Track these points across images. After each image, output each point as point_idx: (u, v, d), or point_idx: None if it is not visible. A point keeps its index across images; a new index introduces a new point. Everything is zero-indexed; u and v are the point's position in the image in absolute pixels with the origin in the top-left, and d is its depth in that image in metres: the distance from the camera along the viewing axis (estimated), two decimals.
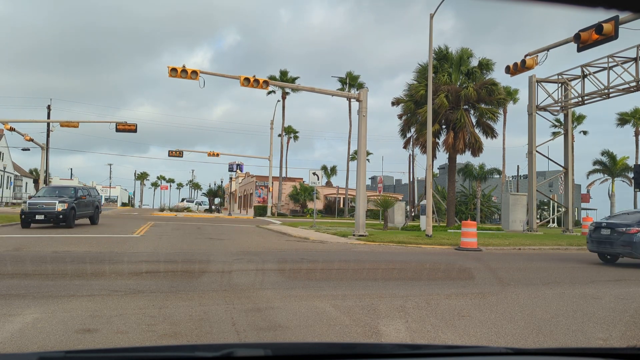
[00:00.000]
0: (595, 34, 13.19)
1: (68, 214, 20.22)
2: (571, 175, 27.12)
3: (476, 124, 27.67)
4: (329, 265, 11.30)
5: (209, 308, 6.14)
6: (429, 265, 11.73)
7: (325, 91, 22.28)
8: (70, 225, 20.25)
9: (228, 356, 1.71)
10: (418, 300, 6.98)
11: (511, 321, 5.95)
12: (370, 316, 6.02)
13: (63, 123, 34.26)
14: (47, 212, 19.89)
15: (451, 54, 27.49)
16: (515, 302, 7.11)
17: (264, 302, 6.62)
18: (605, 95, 23.13)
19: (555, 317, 6.26)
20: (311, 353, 1.88)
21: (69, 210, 20.34)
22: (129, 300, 6.46)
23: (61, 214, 19.97)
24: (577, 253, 16.63)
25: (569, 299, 7.61)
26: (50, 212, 19.91)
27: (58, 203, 20.13)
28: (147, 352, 1.96)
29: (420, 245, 16.89)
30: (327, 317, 5.93)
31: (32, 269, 9.31)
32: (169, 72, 18.95)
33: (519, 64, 17.36)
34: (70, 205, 20.55)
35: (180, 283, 7.98)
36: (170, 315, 5.71)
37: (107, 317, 5.59)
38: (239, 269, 9.89)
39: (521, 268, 11.70)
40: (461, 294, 7.67)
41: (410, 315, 6.13)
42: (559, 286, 8.87)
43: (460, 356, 1.97)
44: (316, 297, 7.03)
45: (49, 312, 5.75)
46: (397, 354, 1.93)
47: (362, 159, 20.71)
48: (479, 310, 6.49)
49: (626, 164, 53.95)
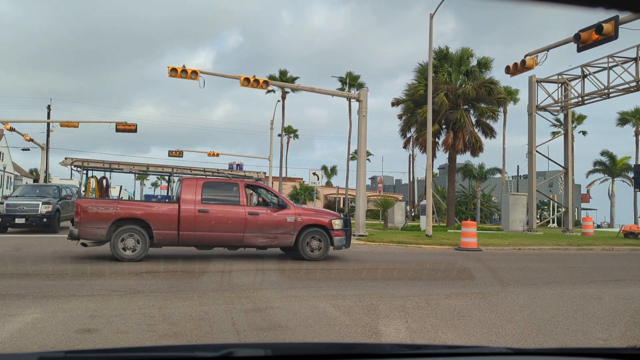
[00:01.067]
0: (595, 34, 13.20)
1: (53, 216, 17.91)
2: (571, 175, 27.13)
3: (476, 123, 27.68)
4: (328, 265, 11.29)
5: (208, 308, 6.14)
6: (429, 265, 11.73)
7: (325, 91, 22.29)
8: (55, 230, 17.98)
9: (228, 356, 1.71)
10: (418, 300, 6.98)
11: (511, 321, 5.95)
12: (370, 316, 6.02)
13: (63, 123, 34.24)
14: (29, 215, 17.45)
15: (451, 54, 27.52)
16: (515, 302, 7.11)
17: (264, 302, 6.62)
18: (605, 95, 23.13)
19: (555, 317, 6.26)
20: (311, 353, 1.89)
21: (54, 212, 18.03)
22: (129, 300, 6.47)
23: (45, 216, 17.63)
24: (576, 253, 16.64)
25: (569, 299, 7.61)
26: (33, 214, 17.50)
27: (42, 204, 17.75)
28: (147, 352, 1.96)
29: (420, 245, 16.89)
30: (327, 317, 5.93)
31: (32, 269, 9.31)
32: (169, 72, 18.95)
33: (518, 64, 17.37)
34: (55, 207, 18.20)
35: (180, 283, 7.98)
36: (170, 315, 5.71)
37: (107, 317, 5.59)
38: (238, 268, 9.89)
39: (521, 268, 11.70)
40: (461, 294, 7.67)
41: (411, 315, 6.13)
42: (559, 286, 8.87)
43: (460, 356, 1.97)
44: (316, 297, 7.03)
45: (49, 312, 5.75)
46: (397, 354, 1.93)
47: (362, 159, 20.72)
48: (479, 310, 6.49)
49: (627, 163, 53.98)
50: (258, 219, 11.16)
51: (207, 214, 10.80)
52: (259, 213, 11.27)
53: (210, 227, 10.84)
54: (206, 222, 10.79)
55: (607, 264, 13.07)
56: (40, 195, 19.06)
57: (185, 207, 10.72)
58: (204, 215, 10.76)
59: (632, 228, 24.05)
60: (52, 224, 17.81)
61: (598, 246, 18.41)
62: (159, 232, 10.56)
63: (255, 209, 11.47)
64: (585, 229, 26.11)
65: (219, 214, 10.94)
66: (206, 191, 11.08)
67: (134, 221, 10.51)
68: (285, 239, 11.39)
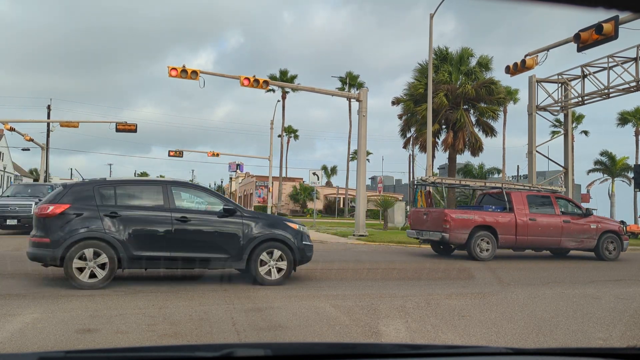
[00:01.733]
0: (595, 34, 13.19)
1: None
2: (571, 175, 27.09)
3: (476, 123, 27.65)
4: (328, 265, 11.29)
5: (209, 308, 6.14)
6: (429, 265, 11.73)
7: (325, 91, 22.27)
8: None
9: (228, 356, 1.71)
10: (418, 300, 6.98)
11: (511, 321, 5.95)
12: (370, 316, 6.02)
13: (63, 123, 34.22)
14: (22, 216, 16.16)
15: (451, 54, 27.48)
16: (515, 302, 7.11)
17: (264, 302, 6.62)
18: (605, 95, 23.09)
19: (555, 317, 6.26)
20: (311, 353, 1.89)
21: None
22: (129, 300, 6.46)
23: None
24: (577, 253, 16.63)
25: (569, 298, 7.61)
26: (25, 215, 16.08)
27: (35, 205, 16.00)
28: (147, 352, 1.96)
29: (420, 245, 16.87)
30: (327, 317, 5.93)
31: (32, 269, 9.30)
32: (169, 72, 18.93)
33: (519, 64, 17.34)
34: None
35: (180, 283, 7.99)
36: (170, 315, 5.71)
37: (107, 317, 5.59)
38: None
39: (521, 268, 11.70)
40: (461, 293, 7.67)
41: (411, 315, 6.13)
42: (559, 286, 8.87)
43: (460, 356, 1.97)
44: (316, 297, 7.03)
45: (49, 312, 5.75)
46: (397, 354, 1.93)
47: (362, 158, 20.71)
48: (479, 310, 6.49)
49: (626, 163, 53.95)
50: (570, 226, 13.43)
51: (535, 222, 13.11)
52: (570, 221, 13.46)
53: (537, 232, 13.08)
54: (534, 228, 13.07)
55: (607, 264, 13.07)
56: (33, 195, 17.80)
57: (520, 216, 12.98)
58: (532, 222, 13.08)
59: (631, 228, 24.06)
60: None
61: None
62: (503, 236, 12.78)
63: (567, 217, 13.56)
64: None
65: (543, 221, 13.22)
66: (530, 203, 13.32)
67: (485, 228, 12.66)
68: (589, 242, 13.66)
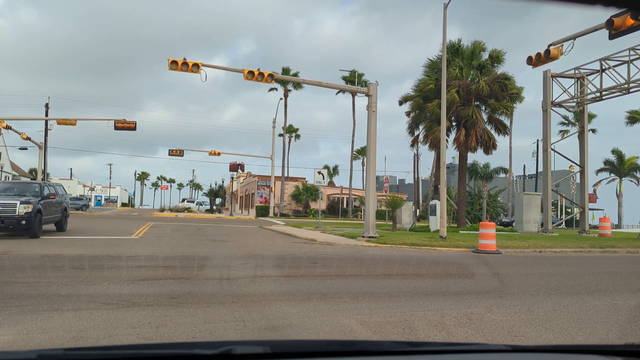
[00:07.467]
0: (630, 19, 12.20)
1: (33, 218, 15.12)
2: (587, 174, 26.09)
3: (488, 120, 26.63)
4: (343, 271, 10.36)
5: (215, 326, 5.18)
6: (454, 271, 10.76)
7: (333, 85, 21.31)
8: (36, 234, 15.28)
9: (227, 353, 1.70)
10: (457, 315, 6.03)
11: (574, 340, 5.01)
12: (407, 335, 5.07)
13: (60, 121, 33.36)
14: (6, 217, 14.81)
15: (463, 47, 26.43)
16: (567, 317, 6.15)
17: (279, 318, 5.67)
18: (625, 90, 22.12)
19: (625, 337, 5.31)
20: (310, 350, 1.89)
21: (35, 213, 15.21)
22: (121, 317, 5.51)
23: (24, 218, 14.88)
24: (601, 256, 15.69)
25: (624, 311, 6.68)
26: (10, 216, 14.82)
27: (20, 204, 14.99)
28: (147, 349, 1.90)
29: (435, 247, 15.93)
30: (355, 336, 4.98)
31: (8, 276, 8.37)
32: (169, 65, 18.01)
33: (542, 54, 16.32)
34: (36, 208, 15.39)
35: (181, 293, 7.01)
36: (169, 337, 4.76)
37: (93, 339, 4.64)
38: (245, 275, 8.94)
39: (553, 274, 10.74)
40: (502, 305, 6.72)
41: (453, 335, 5.18)
42: (606, 295, 7.92)
43: (459, 353, 1.95)
44: (338, 311, 6.08)
45: (24, 332, 4.80)
46: (396, 350, 1.92)
47: (372, 156, 19.73)
48: (531, 328, 5.54)
49: (635, 163, 53.04)
50: None
51: None
52: None
53: None
54: None
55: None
56: (19, 193, 16.29)
57: None
58: None
59: None
60: (32, 227, 15.12)
61: (622, 248, 17.45)
62: None
63: None
64: (602, 230, 25.13)
65: None
66: None
67: None
68: None
